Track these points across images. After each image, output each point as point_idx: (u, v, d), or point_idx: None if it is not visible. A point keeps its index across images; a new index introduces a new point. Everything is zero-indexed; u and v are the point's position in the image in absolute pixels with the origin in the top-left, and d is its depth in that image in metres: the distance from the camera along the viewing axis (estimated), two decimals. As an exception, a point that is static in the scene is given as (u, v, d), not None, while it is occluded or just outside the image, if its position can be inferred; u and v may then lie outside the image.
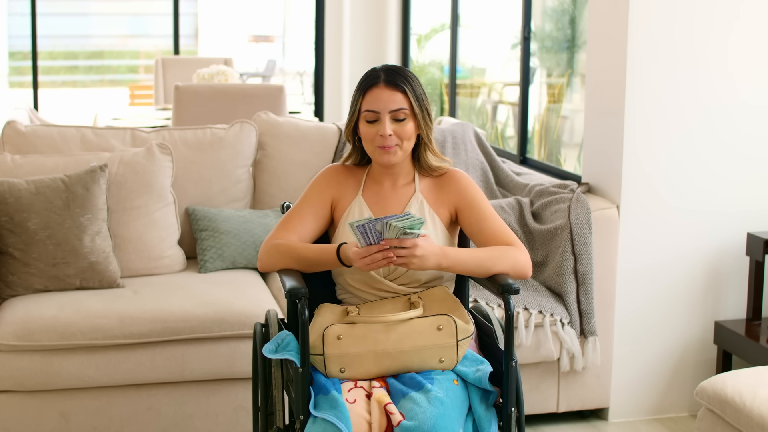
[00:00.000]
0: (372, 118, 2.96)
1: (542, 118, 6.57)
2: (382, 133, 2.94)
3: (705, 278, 4.25)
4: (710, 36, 4.12)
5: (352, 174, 3.12)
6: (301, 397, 2.75)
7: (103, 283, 3.90)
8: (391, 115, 2.94)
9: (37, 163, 4.08)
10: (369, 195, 3.07)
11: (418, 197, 3.04)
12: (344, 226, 3.02)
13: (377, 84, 2.97)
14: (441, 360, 2.83)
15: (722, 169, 4.19)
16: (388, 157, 2.97)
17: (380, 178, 3.08)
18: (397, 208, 3.03)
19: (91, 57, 19.37)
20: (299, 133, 4.53)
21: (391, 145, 2.95)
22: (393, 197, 3.06)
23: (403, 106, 2.95)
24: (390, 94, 2.95)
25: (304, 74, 16.87)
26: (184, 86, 5.48)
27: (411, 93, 2.96)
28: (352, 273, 2.97)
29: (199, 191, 4.34)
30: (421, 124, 2.98)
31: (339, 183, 3.09)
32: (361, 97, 2.99)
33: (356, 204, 3.04)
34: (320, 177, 3.12)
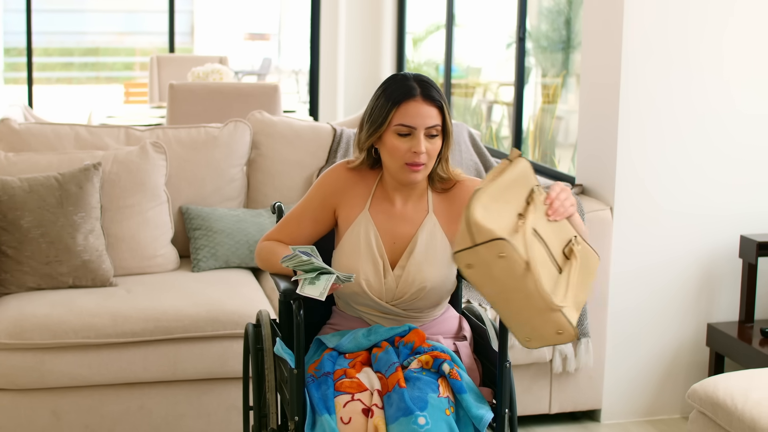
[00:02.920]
0: (405, 132, 2.81)
1: (537, 119, 6.58)
2: (416, 150, 2.79)
3: (698, 280, 4.26)
4: (704, 41, 4.13)
5: (361, 178, 2.97)
6: (296, 398, 2.74)
7: (96, 282, 3.90)
8: (426, 132, 2.80)
9: (31, 161, 4.07)
10: (377, 212, 2.93)
11: (432, 219, 2.92)
12: (350, 240, 2.90)
13: (414, 97, 2.81)
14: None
15: (715, 173, 4.20)
16: (415, 175, 2.83)
17: (392, 193, 2.94)
18: (408, 231, 2.90)
19: (87, 54, 19.36)
20: (293, 132, 4.53)
21: (422, 162, 2.81)
22: (403, 217, 2.93)
23: (437, 123, 2.81)
24: (427, 109, 2.81)
25: (300, 72, 16.87)
26: (178, 85, 5.48)
27: (446, 109, 2.84)
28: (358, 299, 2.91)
29: (193, 190, 4.34)
30: (448, 142, 2.88)
31: (345, 188, 2.96)
32: (394, 108, 2.81)
33: (362, 221, 2.91)
34: (325, 180, 2.99)
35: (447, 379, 2.75)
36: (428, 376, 2.75)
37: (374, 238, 2.88)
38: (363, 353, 2.85)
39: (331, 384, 2.74)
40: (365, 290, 2.86)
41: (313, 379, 2.77)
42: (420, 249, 2.87)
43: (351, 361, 2.82)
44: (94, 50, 19.30)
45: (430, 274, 2.86)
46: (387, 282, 2.87)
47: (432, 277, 2.87)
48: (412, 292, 2.87)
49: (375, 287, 2.87)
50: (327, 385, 2.73)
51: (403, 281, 2.86)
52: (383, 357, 2.80)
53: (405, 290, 2.87)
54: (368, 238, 2.88)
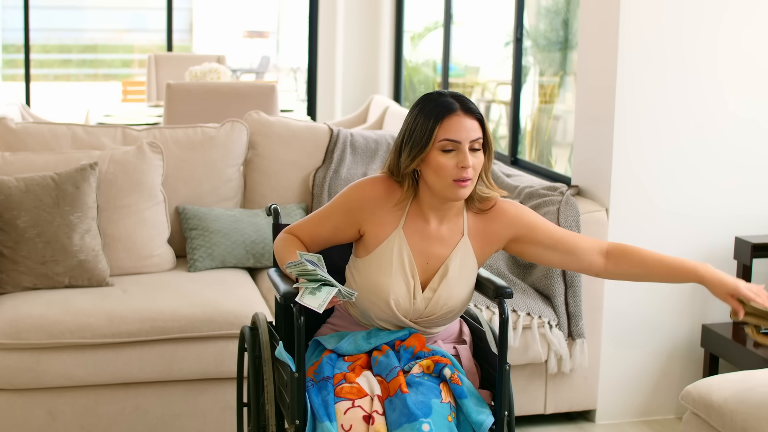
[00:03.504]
0: (450, 147, 2.76)
1: (534, 119, 6.58)
2: (464, 164, 2.75)
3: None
4: (699, 44, 4.14)
5: (391, 196, 2.89)
6: (297, 402, 2.73)
7: (92, 282, 3.91)
8: (470, 145, 2.77)
9: (27, 160, 4.08)
10: (411, 231, 2.88)
11: (466, 243, 2.89)
12: (382, 257, 2.86)
13: (455, 111, 2.78)
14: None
15: (710, 174, 4.21)
16: (463, 191, 2.78)
17: (428, 213, 2.88)
18: (441, 252, 2.87)
19: (84, 51, 19.35)
20: (290, 132, 4.54)
21: (470, 177, 2.77)
22: (437, 237, 2.88)
23: (480, 136, 2.79)
24: (470, 122, 2.78)
25: (298, 70, 16.87)
26: (176, 84, 5.48)
27: (485, 121, 2.82)
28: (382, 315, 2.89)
29: (190, 190, 4.35)
30: (490, 157, 2.85)
31: (374, 207, 2.88)
32: (437, 125, 2.77)
33: (396, 239, 2.86)
34: (353, 195, 2.91)
35: (448, 383, 2.76)
36: (430, 380, 2.76)
37: (407, 258, 2.85)
38: (362, 356, 2.85)
39: (331, 389, 2.73)
40: (393, 310, 2.85)
41: (312, 383, 2.76)
42: (453, 273, 2.87)
43: (350, 364, 2.82)
44: (92, 47, 19.30)
45: (460, 298, 2.88)
46: (416, 303, 2.86)
47: (461, 301, 2.89)
48: (440, 314, 2.88)
49: (403, 307, 2.85)
50: (327, 390, 2.72)
51: (432, 303, 2.86)
52: (384, 361, 2.80)
53: (433, 311, 2.87)
54: (401, 257, 2.85)
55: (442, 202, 2.85)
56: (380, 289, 2.83)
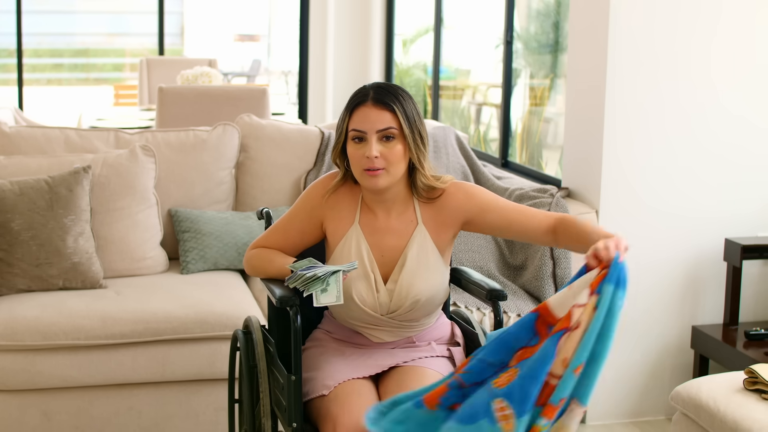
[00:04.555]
0: (358, 136, 2.79)
1: (525, 121, 6.61)
2: (368, 155, 2.76)
3: (683, 283, 4.30)
4: (691, 43, 4.16)
5: (348, 191, 2.93)
6: (294, 406, 2.75)
7: (85, 284, 3.93)
8: (378, 135, 2.77)
9: (21, 164, 4.10)
10: (365, 224, 2.90)
11: (422, 230, 2.88)
12: (341, 254, 2.87)
13: (365, 102, 2.80)
14: None
15: (700, 175, 4.24)
16: (374, 180, 2.78)
17: (373, 206, 2.90)
18: (397, 244, 2.87)
19: (76, 55, 19.35)
20: (282, 135, 4.56)
21: (378, 167, 2.77)
22: (391, 230, 2.89)
23: (391, 126, 2.77)
24: (378, 113, 2.78)
25: (289, 74, 16.89)
26: (167, 88, 5.50)
27: (401, 112, 2.78)
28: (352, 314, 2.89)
29: (182, 193, 4.37)
30: (411, 147, 2.80)
31: (331, 202, 2.92)
32: (348, 116, 2.83)
33: (353, 234, 2.88)
34: (311, 193, 2.95)
35: None
36: None
37: (366, 253, 2.85)
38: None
39: None
40: (359, 305, 2.84)
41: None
42: (411, 262, 2.85)
43: None
44: (83, 51, 19.29)
45: (423, 286, 2.85)
46: (380, 296, 2.85)
47: (425, 290, 2.85)
48: (407, 305, 2.85)
49: (369, 302, 2.85)
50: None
51: (396, 295, 2.84)
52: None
53: (399, 304, 2.85)
54: (360, 253, 2.85)
55: (374, 195, 2.86)
56: (344, 288, 2.81)
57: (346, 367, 2.85)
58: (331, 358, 2.90)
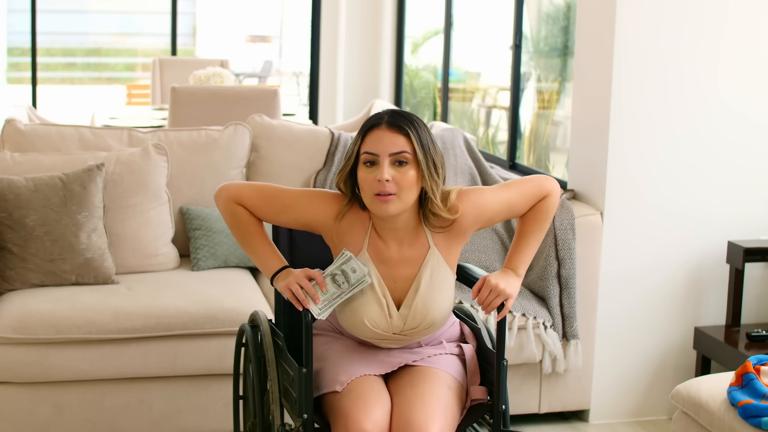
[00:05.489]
0: (370, 159, 2.73)
1: (533, 124, 6.65)
2: (380, 178, 2.69)
3: (686, 285, 4.34)
4: (697, 46, 4.20)
5: (356, 216, 2.87)
6: (305, 397, 2.80)
7: (98, 279, 3.99)
8: (391, 159, 2.72)
9: (36, 161, 4.16)
10: (375, 252, 2.85)
11: (434, 254, 2.85)
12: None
13: (379, 125, 2.75)
14: None
15: (705, 178, 4.27)
16: (385, 206, 2.71)
17: (384, 235, 2.84)
18: (409, 271, 2.84)
19: (89, 54, 19.44)
20: (292, 136, 4.62)
21: (389, 192, 2.70)
22: (402, 260, 2.85)
23: (404, 150, 2.72)
24: (391, 136, 2.72)
25: (301, 75, 16.94)
26: (180, 88, 5.57)
27: (415, 137, 2.73)
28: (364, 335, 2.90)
29: (193, 191, 4.43)
30: (425, 174, 2.74)
31: (337, 225, 2.86)
32: (360, 139, 2.76)
33: (361, 260, 2.84)
34: (322, 210, 2.87)
35: None
36: None
37: (377, 281, 2.82)
38: None
39: None
40: (371, 329, 2.84)
41: None
42: (425, 287, 2.84)
43: None
44: (96, 51, 19.38)
45: (438, 306, 2.85)
46: (393, 321, 2.84)
47: (441, 310, 2.86)
48: (421, 326, 2.86)
49: (382, 326, 2.85)
50: None
51: (410, 319, 2.84)
52: None
53: (413, 326, 2.85)
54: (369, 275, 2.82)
55: (385, 223, 2.82)
56: (354, 312, 2.83)
57: (358, 362, 2.88)
58: (341, 351, 2.93)
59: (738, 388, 3.13)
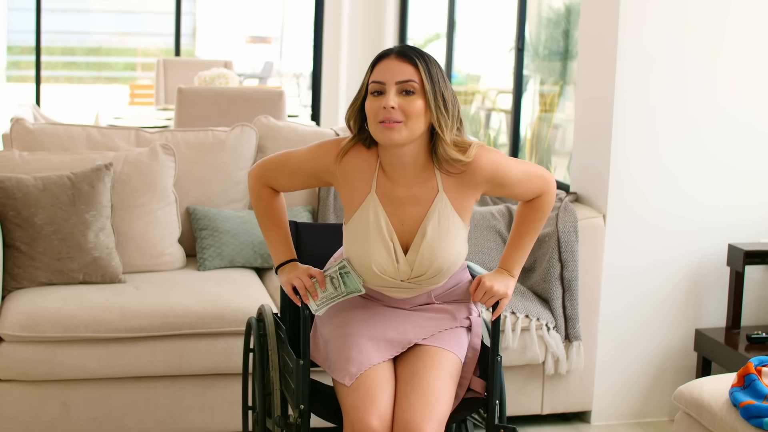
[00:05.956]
0: (377, 89, 2.73)
1: (534, 127, 6.69)
2: (385, 105, 2.69)
3: (687, 287, 4.37)
4: (699, 51, 4.23)
5: (360, 159, 2.85)
6: (302, 388, 2.86)
7: (105, 278, 4.02)
8: (398, 87, 2.71)
9: (44, 160, 4.19)
10: (383, 193, 2.83)
11: (442, 199, 2.82)
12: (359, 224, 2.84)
13: (388, 56, 2.76)
14: None
15: (706, 181, 4.31)
16: (390, 134, 2.69)
17: (392, 171, 2.82)
18: (417, 213, 2.82)
19: (89, 53, 19.46)
20: (298, 137, 4.65)
21: (395, 119, 2.69)
22: (411, 199, 2.83)
23: (411, 78, 2.71)
24: (399, 64, 2.72)
25: (301, 76, 16.98)
26: (187, 89, 5.61)
27: (423, 68, 2.73)
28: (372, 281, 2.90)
29: (200, 191, 4.46)
30: (431, 106, 2.72)
31: (346, 169, 2.85)
32: (370, 71, 2.77)
33: (371, 204, 2.83)
34: (322, 157, 2.88)
35: None
36: None
37: (384, 222, 2.82)
38: None
39: None
40: (379, 274, 2.84)
41: None
42: (432, 232, 2.81)
43: None
44: (96, 50, 19.41)
45: (445, 255, 2.83)
46: (400, 266, 2.84)
47: (447, 258, 2.84)
48: (429, 273, 2.84)
49: (389, 271, 2.84)
50: None
51: (417, 265, 2.83)
52: None
53: (420, 272, 2.84)
54: (378, 223, 2.82)
55: (392, 157, 2.80)
56: (361, 257, 2.84)
57: (369, 344, 2.87)
58: (359, 325, 2.92)
59: (740, 389, 3.17)
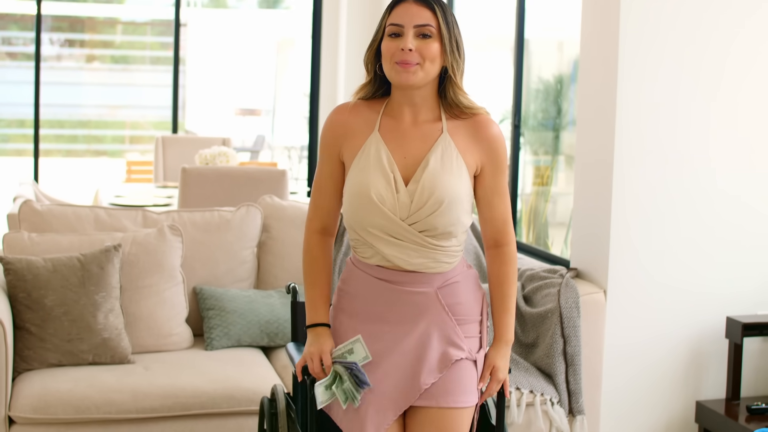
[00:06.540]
0: (395, 31, 2.78)
1: (531, 202, 6.75)
2: (403, 47, 2.75)
3: (687, 358, 4.43)
4: (693, 129, 4.35)
5: (367, 108, 2.90)
6: None
7: (114, 359, 4.06)
8: (416, 31, 2.76)
9: (53, 241, 4.25)
10: (386, 131, 2.85)
11: (446, 139, 2.83)
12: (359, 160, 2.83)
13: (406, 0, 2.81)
14: None
15: (705, 253, 4.41)
16: (406, 75, 2.76)
17: (399, 110, 2.86)
18: (420, 148, 2.83)
19: (79, 126, 19.56)
20: (302, 216, 4.70)
21: (412, 61, 2.75)
22: (415, 135, 2.84)
23: (429, 23, 2.76)
24: (418, 8, 2.77)
25: (292, 149, 17.08)
26: (190, 168, 5.69)
27: (440, 13, 2.78)
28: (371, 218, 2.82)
29: (207, 271, 4.52)
30: (447, 50, 2.78)
31: (346, 129, 2.89)
32: (387, 13, 2.81)
33: (372, 141, 2.84)
34: (325, 131, 2.93)
35: None
36: None
37: (385, 155, 2.82)
38: None
39: None
40: (377, 203, 2.80)
41: None
42: (435, 164, 2.81)
43: None
44: (86, 123, 19.50)
45: (446, 186, 2.79)
46: (400, 197, 2.80)
47: (448, 191, 2.80)
48: (429, 205, 2.79)
49: (388, 202, 2.80)
50: None
51: (418, 195, 2.79)
52: None
53: (420, 204, 2.79)
54: (378, 155, 2.82)
55: (404, 96, 2.84)
56: (361, 185, 2.81)
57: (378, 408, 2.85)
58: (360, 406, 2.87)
59: None
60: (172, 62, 9.83)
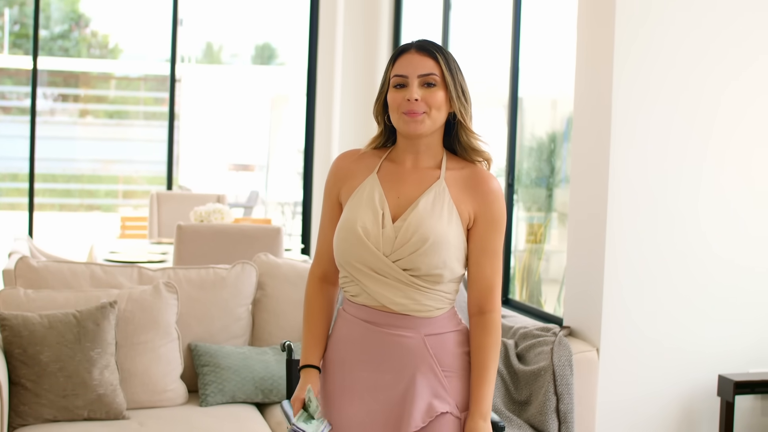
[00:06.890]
0: (400, 82, 2.81)
1: (524, 260, 6.79)
2: (409, 97, 2.78)
3: (679, 416, 4.46)
4: (684, 187, 4.43)
5: (372, 155, 2.94)
6: None
7: (109, 415, 4.07)
8: (420, 80, 2.80)
9: (49, 298, 4.27)
10: (385, 174, 2.88)
11: (441, 185, 2.83)
12: (353, 199, 2.86)
13: (408, 50, 2.84)
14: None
15: (698, 309, 4.47)
16: (414, 125, 2.79)
17: (402, 156, 2.89)
18: (414, 191, 2.84)
19: (72, 180, 19.61)
20: (296, 274, 4.76)
21: (419, 111, 2.78)
22: (412, 179, 2.86)
23: (433, 72, 2.80)
24: (420, 58, 2.81)
25: (285, 204, 17.14)
26: (186, 226, 5.73)
27: (443, 61, 2.81)
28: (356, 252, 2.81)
29: (202, 327, 4.54)
30: (453, 96, 2.81)
31: (348, 170, 2.93)
32: (391, 65, 2.85)
33: (369, 182, 2.87)
34: (329, 175, 2.97)
35: None
36: None
37: (378, 194, 2.84)
38: None
39: None
40: (361, 236, 2.79)
41: None
42: (425, 206, 2.80)
43: None
44: (78, 177, 19.55)
45: (433, 227, 2.77)
46: (385, 232, 2.80)
47: (435, 230, 2.77)
48: (412, 242, 2.76)
49: (372, 235, 2.80)
50: None
51: (403, 232, 2.78)
52: None
53: (404, 240, 2.77)
54: (372, 194, 2.85)
55: (409, 144, 2.86)
56: (348, 220, 2.83)
57: None
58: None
59: None
60: (167, 117, 9.87)
